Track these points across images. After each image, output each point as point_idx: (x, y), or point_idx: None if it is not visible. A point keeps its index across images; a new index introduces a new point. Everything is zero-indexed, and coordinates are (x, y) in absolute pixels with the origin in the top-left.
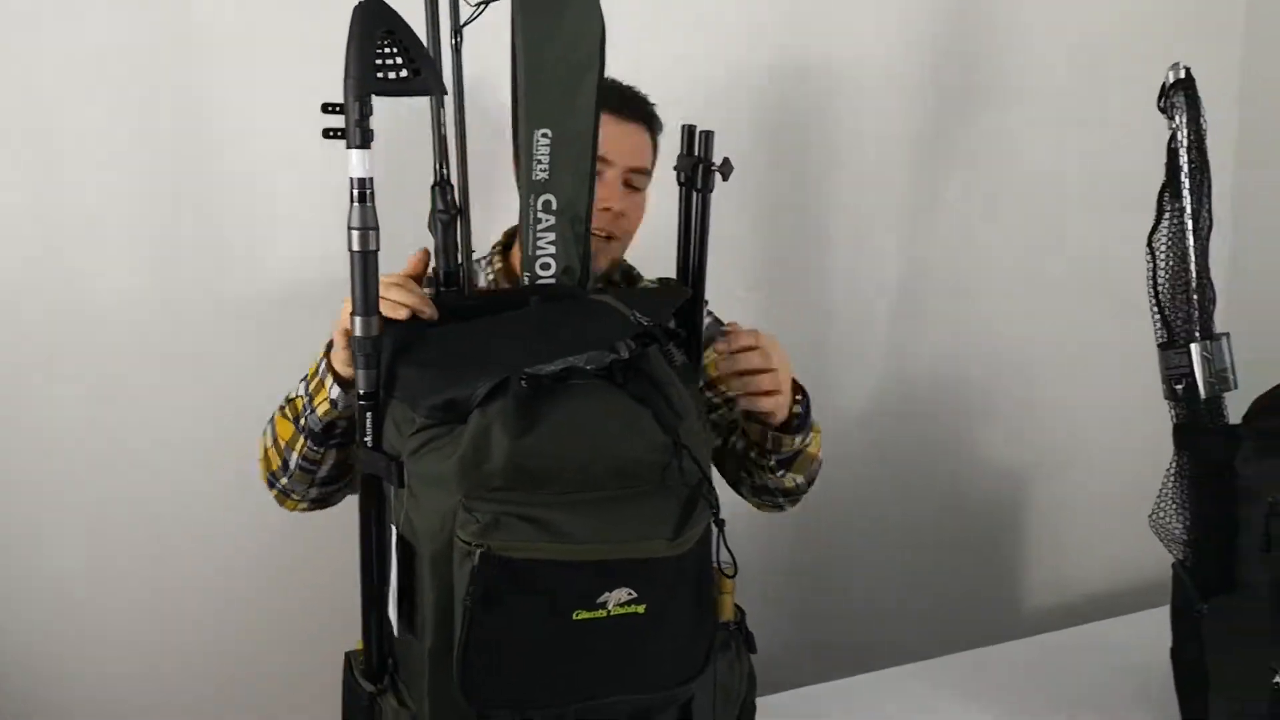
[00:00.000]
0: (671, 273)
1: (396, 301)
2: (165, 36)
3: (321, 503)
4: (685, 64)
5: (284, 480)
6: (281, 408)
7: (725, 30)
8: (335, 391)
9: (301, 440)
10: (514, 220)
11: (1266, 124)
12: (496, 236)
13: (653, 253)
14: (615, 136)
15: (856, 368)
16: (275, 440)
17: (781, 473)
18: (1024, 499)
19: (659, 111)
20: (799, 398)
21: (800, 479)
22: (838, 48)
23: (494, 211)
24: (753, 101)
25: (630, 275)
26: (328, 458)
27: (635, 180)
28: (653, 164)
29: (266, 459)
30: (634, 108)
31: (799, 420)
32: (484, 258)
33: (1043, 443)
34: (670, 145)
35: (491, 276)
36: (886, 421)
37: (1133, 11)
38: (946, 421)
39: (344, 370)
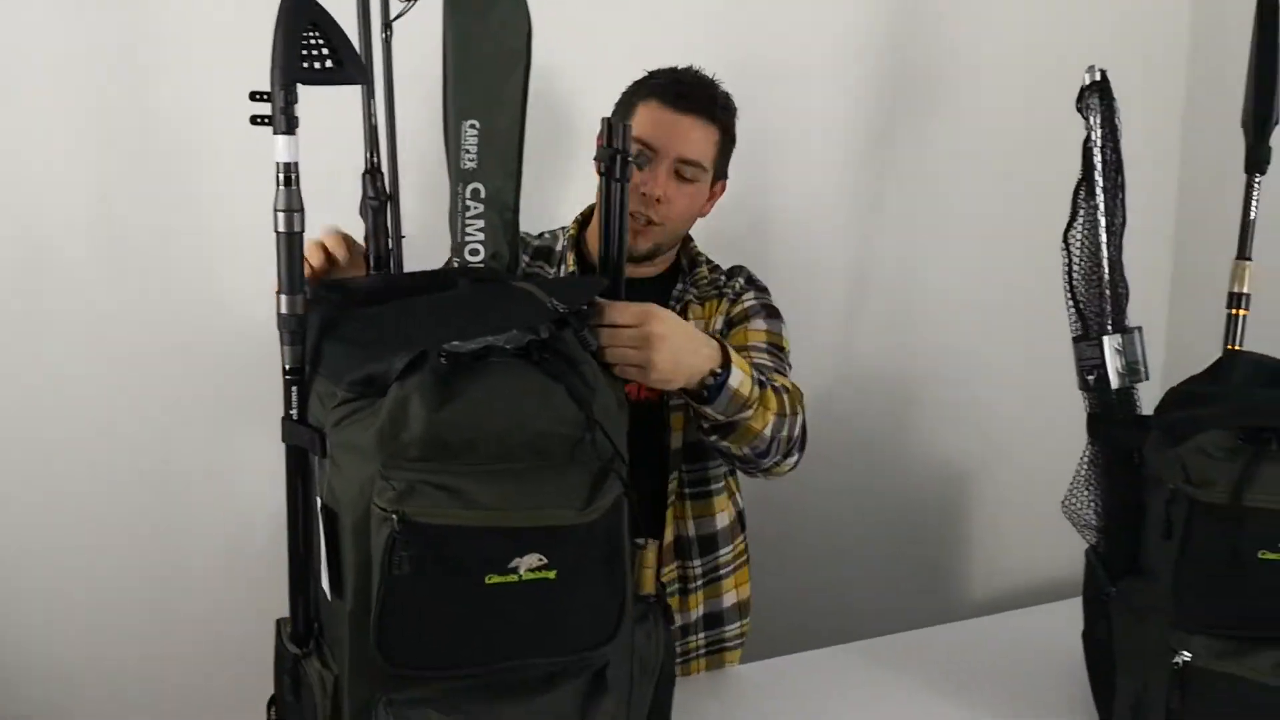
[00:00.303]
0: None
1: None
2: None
3: None
4: (636, 60)
5: None
6: None
7: (677, 29)
8: None
9: None
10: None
11: (1210, 127)
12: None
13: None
14: (666, 126)
15: (801, 364)
16: None
17: (714, 438)
18: (963, 491)
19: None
20: (718, 371)
21: (745, 449)
22: (789, 53)
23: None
24: None
25: (695, 262)
26: None
27: (686, 171)
28: (716, 156)
29: None
30: (691, 99)
31: (709, 392)
32: (562, 229)
33: (982, 437)
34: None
35: (564, 244)
36: (830, 416)
37: (1081, 18)
38: (889, 417)
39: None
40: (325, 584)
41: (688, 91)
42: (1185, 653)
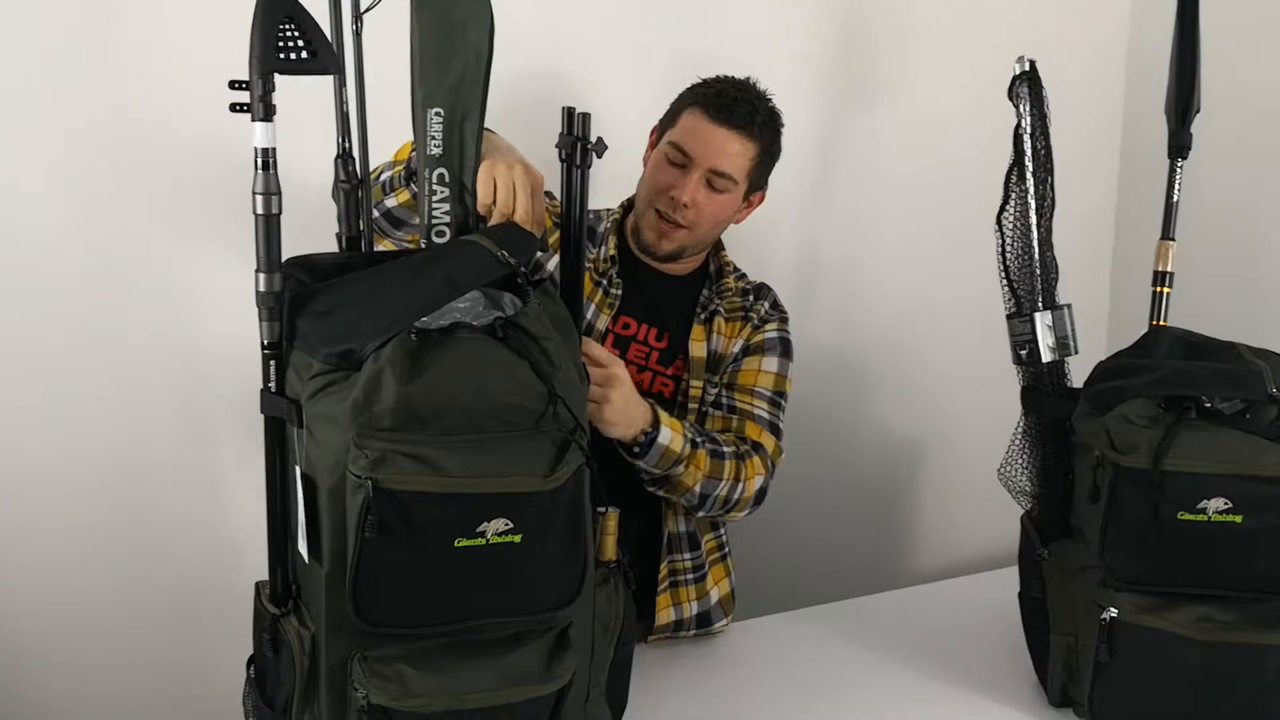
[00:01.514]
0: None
1: None
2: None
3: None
4: (584, 55)
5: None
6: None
7: (624, 23)
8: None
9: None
10: None
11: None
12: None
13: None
14: (702, 137)
15: None
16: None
17: (652, 489)
18: (913, 464)
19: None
20: (649, 430)
21: (680, 500)
22: (738, 45)
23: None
24: (652, 89)
25: (723, 271)
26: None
27: (717, 183)
28: (752, 170)
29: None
30: (732, 113)
31: (638, 448)
32: (608, 210)
33: (930, 412)
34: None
35: (607, 225)
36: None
37: (1024, 8)
38: (841, 395)
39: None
40: (302, 548)
41: (730, 105)
42: (1112, 609)
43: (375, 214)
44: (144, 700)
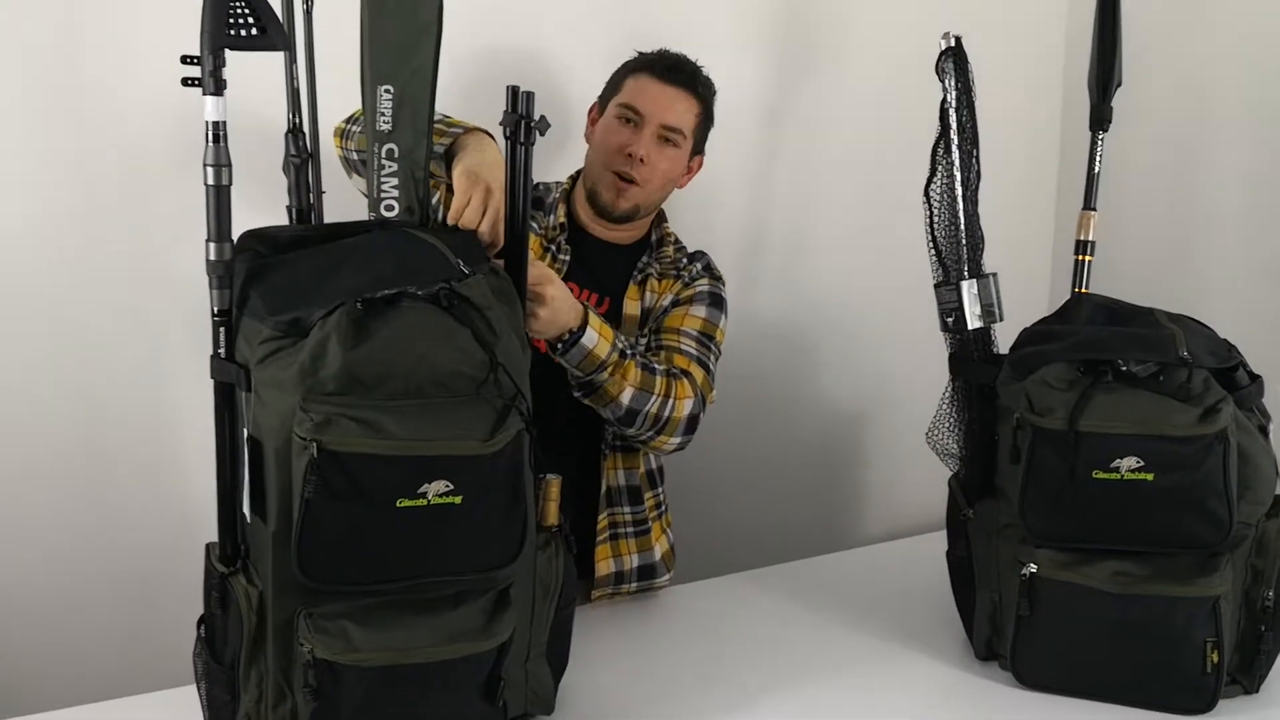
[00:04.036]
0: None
1: None
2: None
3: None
4: (528, 29)
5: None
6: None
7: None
8: None
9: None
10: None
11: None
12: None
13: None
14: (653, 96)
15: None
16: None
17: (579, 395)
18: (856, 431)
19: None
20: (574, 330)
21: (607, 412)
22: (685, 20)
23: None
24: (593, 65)
25: (664, 240)
26: None
27: (671, 136)
28: (696, 127)
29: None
30: (676, 74)
31: (561, 345)
32: (557, 182)
33: (871, 381)
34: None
35: (555, 196)
36: (728, 368)
37: None
38: (786, 366)
39: None
40: (247, 508)
41: (675, 66)
42: (1032, 565)
43: (353, 157)
44: (97, 670)
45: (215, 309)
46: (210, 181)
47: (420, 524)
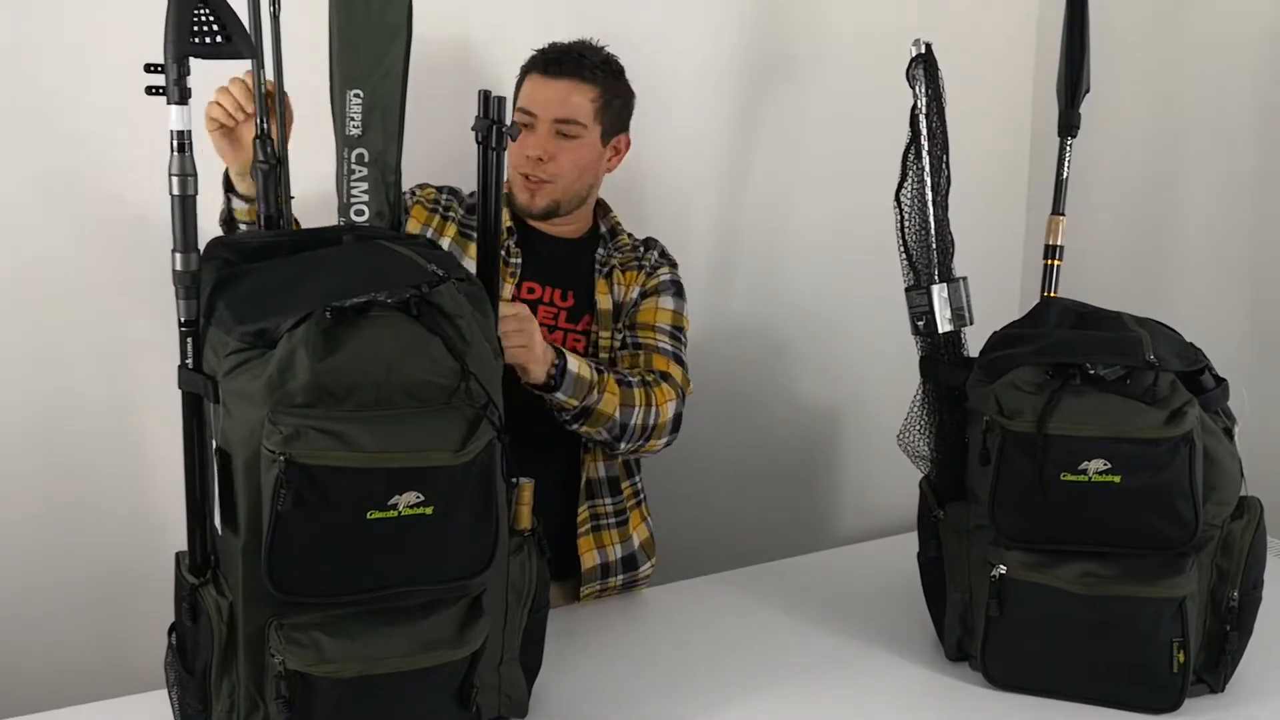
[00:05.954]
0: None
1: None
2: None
3: None
4: (493, 31)
5: None
6: None
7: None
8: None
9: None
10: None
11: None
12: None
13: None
14: (539, 94)
15: None
16: None
17: (575, 426)
18: (829, 432)
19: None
20: (559, 361)
21: (603, 434)
22: (658, 19)
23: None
24: None
25: (615, 230)
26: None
27: (567, 130)
28: (597, 113)
29: None
30: (560, 65)
31: (554, 380)
32: None
33: (844, 381)
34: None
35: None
36: (705, 367)
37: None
38: (760, 366)
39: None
40: (218, 520)
41: (558, 59)
42: (1001, 566)
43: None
44: (69, 675)
45: (181, 319)
46: (175, 191)
47: (391, 535)
